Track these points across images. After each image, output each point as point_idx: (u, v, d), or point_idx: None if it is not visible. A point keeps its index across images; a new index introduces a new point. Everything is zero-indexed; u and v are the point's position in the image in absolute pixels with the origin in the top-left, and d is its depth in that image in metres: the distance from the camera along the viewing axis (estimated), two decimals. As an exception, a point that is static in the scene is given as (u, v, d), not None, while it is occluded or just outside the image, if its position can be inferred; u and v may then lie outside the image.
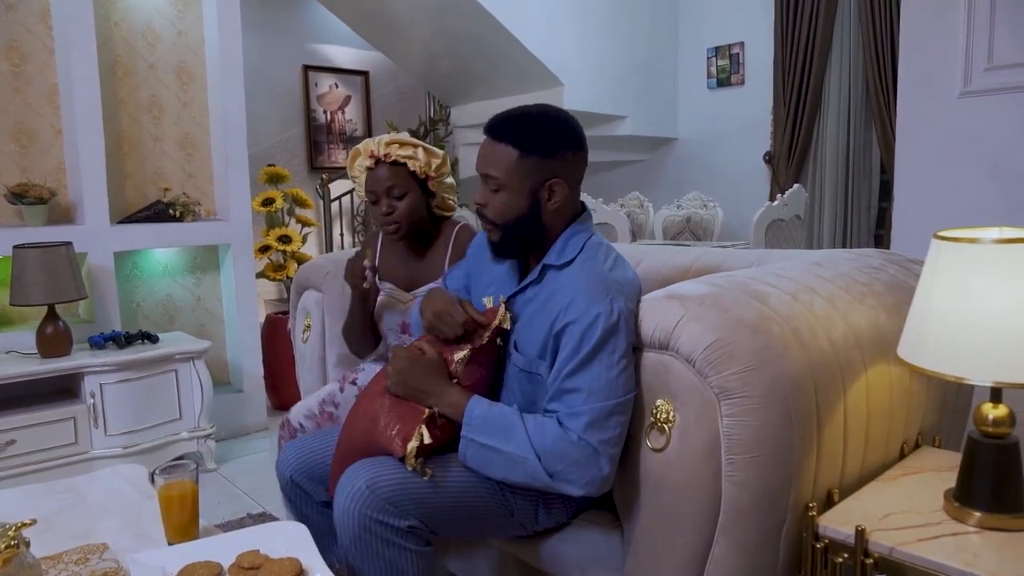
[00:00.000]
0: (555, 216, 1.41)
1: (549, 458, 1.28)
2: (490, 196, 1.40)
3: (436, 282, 1.83)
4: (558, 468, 1.28)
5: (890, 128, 4.39)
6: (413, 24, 4.84)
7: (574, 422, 1.27)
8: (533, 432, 1.30)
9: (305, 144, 6.40)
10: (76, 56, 2.87)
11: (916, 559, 1.07)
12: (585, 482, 1.27)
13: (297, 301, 2.39)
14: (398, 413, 1.40)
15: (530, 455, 1.29)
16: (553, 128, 1.38)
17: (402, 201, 1.84)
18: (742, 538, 1.19)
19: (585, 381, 1.27)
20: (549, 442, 1.28)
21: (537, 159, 1.35)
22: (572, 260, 1.39)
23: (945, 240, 1.13)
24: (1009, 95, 2.09)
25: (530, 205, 1.38)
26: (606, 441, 1.26)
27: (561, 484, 1.29)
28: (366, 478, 1.33)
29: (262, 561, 1.17)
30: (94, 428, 2.67)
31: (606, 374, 1.26)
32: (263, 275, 3.79)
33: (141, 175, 3.26)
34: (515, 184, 1.36)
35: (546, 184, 1.37)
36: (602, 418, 1.26)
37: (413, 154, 1.83)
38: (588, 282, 1.33)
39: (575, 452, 1.26)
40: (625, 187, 5.75)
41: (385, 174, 1.83)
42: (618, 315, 1.28)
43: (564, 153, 1.38)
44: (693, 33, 5.71)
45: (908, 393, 1.42)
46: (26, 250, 2.59)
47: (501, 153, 1.36)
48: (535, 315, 1.40)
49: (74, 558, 1.30)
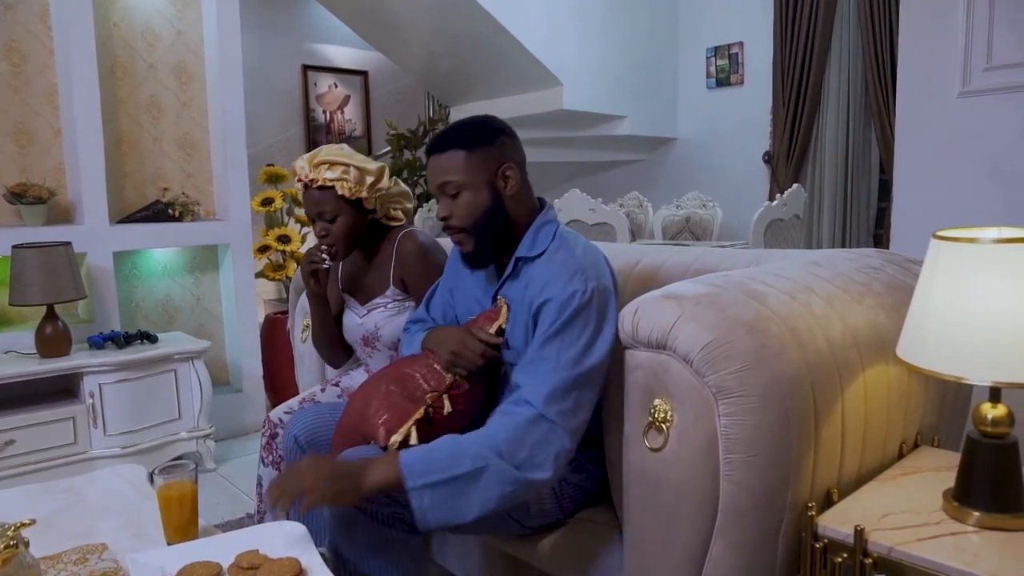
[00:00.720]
0: (516, 204, 1.46)
1: (510, 449, 1.26)
2: (451, 205, 1.44)
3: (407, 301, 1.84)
4: (522, 455, 1.26)
5: (889, 128, 4.39)
6: (413, 24, 4.84)
7: (535, 392, 1.28)
8: (482, 436, 1.29)
9: (304, 144, 6.40)
10: (75, 56, 2.87)
11: (915, 559, 1.07)
12: (552, 460, 1.27)
13: (296, 301, 2.39)
14: (390, 402, 1.41)
15: (490, 457, 1.25)
16: (481, 121, 1.47)
17: (334, 224, 1.78)
18: (740, 537, 1.19)
19: (554, 351, 1.31)
20: (504, 434, 1.27)
21: (483, 150, 1.43)
22: (544, 251, 1.43)
23: (944, 240, 1.13)
24: (1008, 95, 2.09)
25: (491, 196, 1.43)
26: (564, 412, 1.28)
27: (530, 472, 1.26)
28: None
29: (261, 561, 1.17)
30: (93, 428, 2.67)
31: (575, 345, 1.30)
32: (262, 275, 3.79)
33: (140, 175, 3.26)
34: (472, 180, 1.42)
35: (499, 171, 1.43)
36: (564, 388, 1.28)
37: (343, 175, 1.75)
38: (562, 264, 1.38)
39: (535, 432, 1.27)
40: (624, 187, 5.75)
41: (316, 197, 1.77)
42: (591, 293, 1.33)
43: (502, 138, 1.45)
44: (692, 33, 5.71)
45: (907, 393, 1.42)
46: (25, 250, 2.59)
47: (449, 159, 1.43)
48: (515, 308, 1.44)
49: (73, 558, 1.30)
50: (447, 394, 1.44)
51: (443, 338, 1.48)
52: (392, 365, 1.55)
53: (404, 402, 1.40)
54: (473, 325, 1.48)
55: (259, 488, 1.94)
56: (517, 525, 1.47)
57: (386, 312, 1.88)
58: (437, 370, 1.46)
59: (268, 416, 1.94)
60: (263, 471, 1.91)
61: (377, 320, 1.88)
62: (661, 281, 1.66)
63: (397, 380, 1.46)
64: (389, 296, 1.88)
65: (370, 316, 1.90)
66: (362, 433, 1.43)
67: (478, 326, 1.46)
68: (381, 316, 1.88)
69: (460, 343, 1.43)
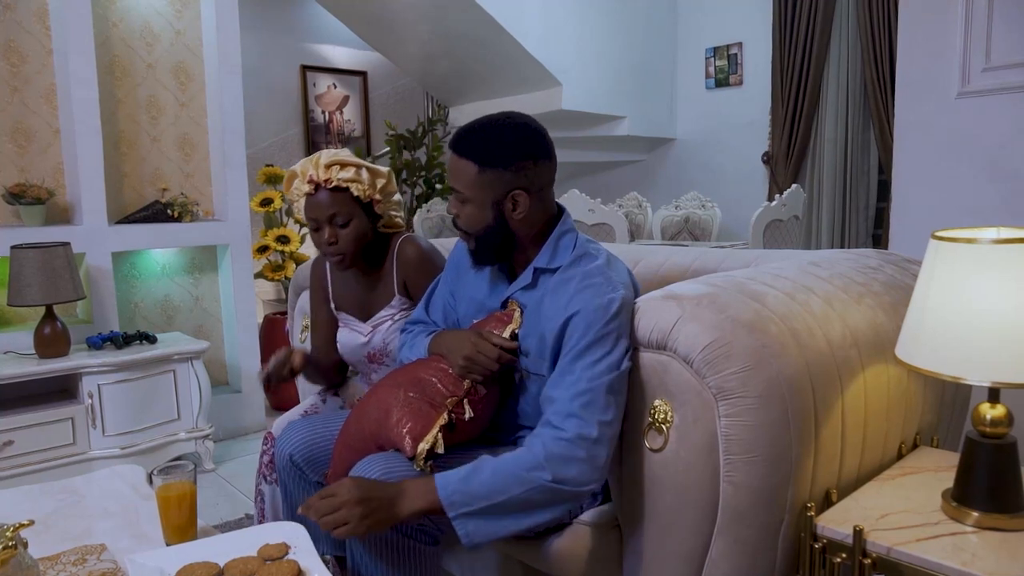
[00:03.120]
0: (523, 224, 1.41)
1: (556, 467, 1.24)
2: (459, 207, 1.42)
3: (417, 305, 1.74)
4: (570, 473, 1.24)
5: (888, 128, 4.40)
6: (412, 24, 4.84)
7: (574, 406, 1.25)
8: (527, 458, 1.25)
9: (303, 144, 6.40)
10: (74, 56, 2.87)
11: (914, 559, 1.07)
12: (599, 472, 1.25)
13: (295, 301, 2.39)
14: (412, 410, 1.36)
15: (539, 479, 1.23)
16: (512, 140, 1.38)
17: (346, 229, 1.68)
18: (740, 538, 1.19)
19: (588, 363, 1.27)
20: (549, 452, 1.24)
21: (496, 172, 1.36)
22: (565, 263, 1.40)
23: (943, 240, 1.13)
24: (1007, 95, 2.09)
25: (495, 216, 1.39)
26: (604, 423, 1.25)
27: (579, 487, 1.25)
28: (378, 473, 1.32)
29: (257, 566, 1.17)
30: (92, 429, 2.67)
31: (608, 357, 1.27)
32: (261, 275, 3.79)
33: (139, 175, 3.26)
34: (478, 197, 1.38)
35: (508, 196, 1.38)
36: (603, 399, 1.25)
37: (356, 176, 1.67)
38: (589, 276, 1.35)
39: (580, 449, 1.24)
40: (623, 187, 5.75)
41: (327, 200, 1.66)
42: (620, 304, 1.30)
43: (524, 163, 1.37)
44: (691, 33, 5.71)
45: (906, 393, 1.42)
46: (24, 250, 2.58)
47: (462, 167, 1.38)
48: (530, 316, 1.41)
49: (72, 559, 1.30)
50: (467, 399, 1.40)
51: (454, 344, 1.44)
52: (404, 370, 1.49)
53: (427, 408, 1.36)
54: (483, 328, 1.44)
55: (260, 502, 1.86)
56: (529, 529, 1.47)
57: (394, 325, 1.79)
58: (451, 374, 1.42)
59: (270, 432, 1.85)
60: (265, 488, 1.84)
61: (384, 335, 1.80)
62: (660, 282, 1.66)
63: (415, 386, 1.41)
64: (395, 307, 1.80)
65: (376, 333, 1.81)
66: (380, 443, 1.39)
67: (488, 329, 1.43)
68: (389, 329, 1.80)
69: (474, 348, 1.39)
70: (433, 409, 1.36)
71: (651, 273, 1.79)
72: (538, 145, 1.39)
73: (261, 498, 1.86)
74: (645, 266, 1.83)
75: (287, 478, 1.64)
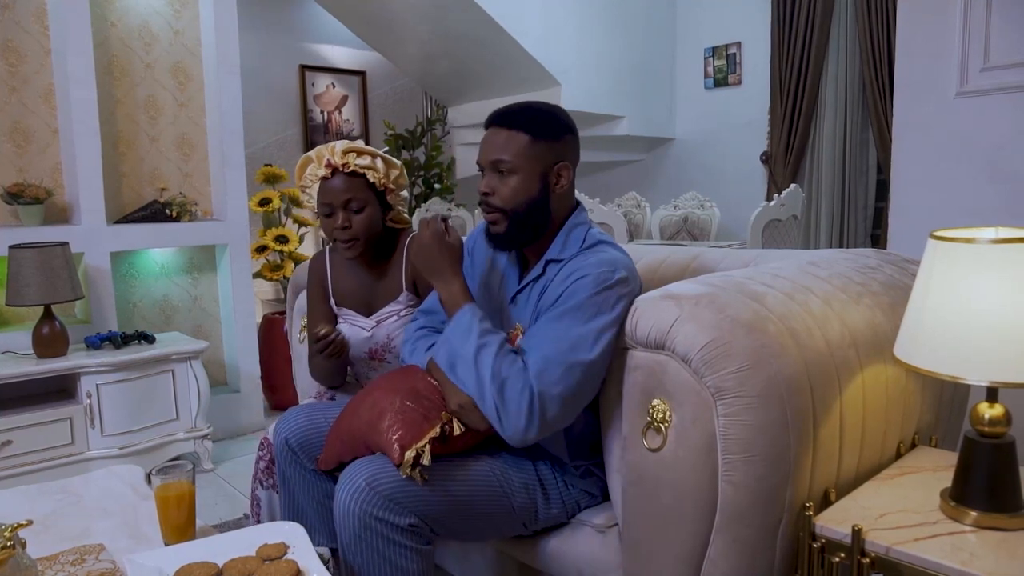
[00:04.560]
0: (559, 201, 1.47)
1: (498, 384, 1.31)
2: (498, 183, 1.44)
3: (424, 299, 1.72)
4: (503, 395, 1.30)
5: (887, 128, 4.40)
6: (410, 24, 4.84)
7: (532, 356, 1.32)
8: (498, 360, 1.33)
9: (302, 144, 6.40)
10: (72, 56, 2.87)
11: (912, 558, 1.07)
12: (523, 421, 1.30)
13: (294, 301, 2.39)
14: (405, 419, 1.37)
15: (486, 379, 1.32)
16: (556, 115, 1.48)
17: (360, 215, 1.71)
18: (739, 537, 1.19)
19: (563, 326, 1.32)
20: (505, 371, 1.32)
21: (548, 143, 1.44)
22: (575, 254, 1.43)
23: (941, 240, 1.13)
24: (1006, 95, 2.09)
25: (540, 188, 1.44)
26: (556, 395, 1.29)
27: (503, 406, 1.31)
28: (366, 475, 1.32)
29: (256, 566, 1.17)
30: (90, 428, 2.66)
31: (581, 328, 1.31)
32: (260, 275, 3.78)
33: (138, 175, 3.26)
34: (528, 167, 1.43)
35: (555, 167, 1.45)
36: (559, 367, 1.29)
37: (372, 164, 1.71)
38: (596, 257, 1.40)
39: (521, 394, 1.29)
40: (622, 187, 5.76)
41: (342, 185, 1.70)
42: (617, 282, 1.34)
43: (568, 136, 1.47)
44: (690, 33, 5.72)
45: (904, 393, 1.42)
46: (22, 250, 2.58)
47: (513, 139, 1.43)
48: (530, 304, 1.45)
49: (70, 559, 1.30)
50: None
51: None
52: (403, 376, 1.49)
53: (419, 420, 1.36)
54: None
55: (256, 508, 1.85)
56: (523, 527, 1.47)
57: (399, 321, 1.79)
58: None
59: (266, 436, 1.82)
60: (261, 494, 1.82)
61: (389, 331, 1.79)
62: (659, 281, 1.66)
63: (412, 396, 1.42)
64: (402, 302, 1.80)
65: (380, 328, 1.80)
66: (369, 444, 1.40)
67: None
68: (394, 325, 1.79)
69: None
70: (426, 421, 1.37)
71: (650, 273, 1.79)
72: (570, 120, 1.50)
73: (257, 504, 1.85)
74: (644, 266, 1.83)
75: (284, 462, 1.65)
